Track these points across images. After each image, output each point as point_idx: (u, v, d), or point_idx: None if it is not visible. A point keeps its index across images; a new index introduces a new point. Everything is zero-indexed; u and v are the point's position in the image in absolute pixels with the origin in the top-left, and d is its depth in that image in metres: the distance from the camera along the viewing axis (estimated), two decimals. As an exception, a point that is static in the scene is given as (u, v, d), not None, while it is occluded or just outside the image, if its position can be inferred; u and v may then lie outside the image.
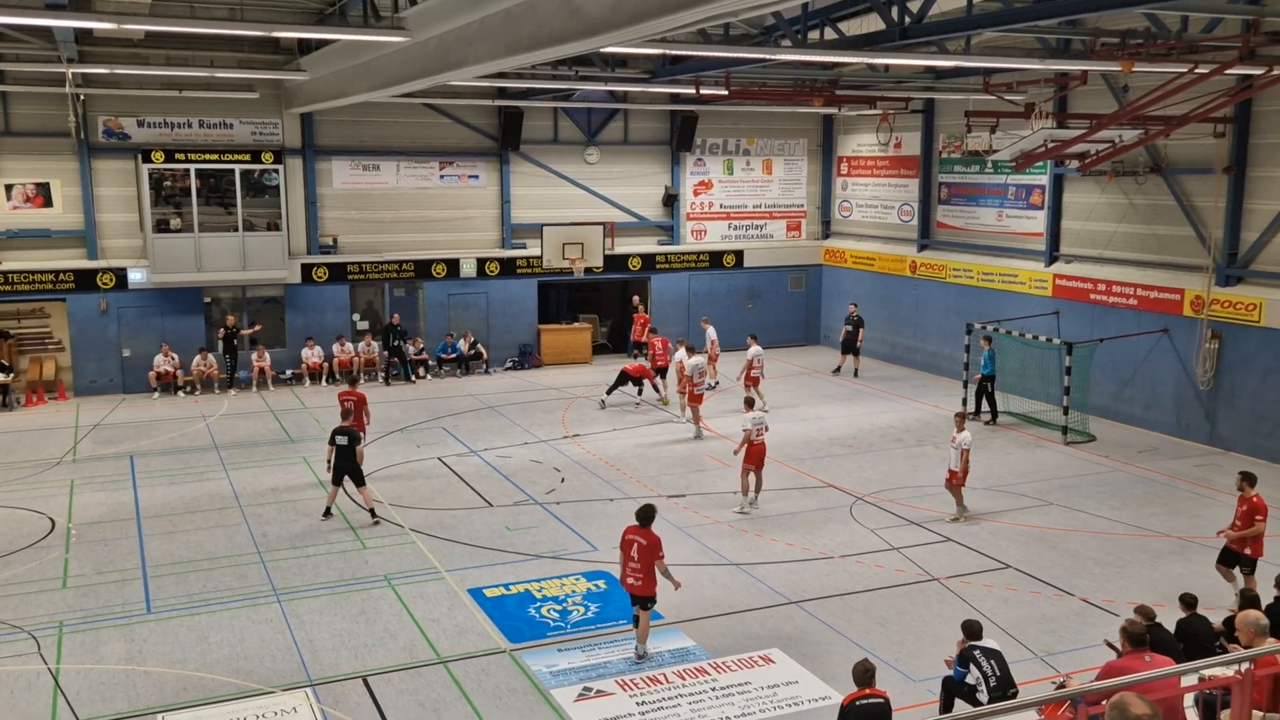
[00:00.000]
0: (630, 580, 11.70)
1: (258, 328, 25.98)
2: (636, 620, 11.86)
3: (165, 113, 25.05)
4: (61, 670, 11.55)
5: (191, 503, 17.17)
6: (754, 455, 16.55)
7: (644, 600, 11.71)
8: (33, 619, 12.79)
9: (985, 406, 22.36)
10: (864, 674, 8.91)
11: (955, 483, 16.23)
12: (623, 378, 23.80)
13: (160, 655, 11.89)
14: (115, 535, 15.67)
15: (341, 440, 16.06)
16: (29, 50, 22.14)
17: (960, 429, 16.30)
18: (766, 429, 16.95)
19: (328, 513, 16.26)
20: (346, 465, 16.01)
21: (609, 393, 23.75)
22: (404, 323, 27.23)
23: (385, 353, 26.41)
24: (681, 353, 22.00)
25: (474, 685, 11.22)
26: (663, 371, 24.16)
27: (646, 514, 11.90)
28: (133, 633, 12.46)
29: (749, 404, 17.30)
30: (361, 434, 17.09)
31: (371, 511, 16.14)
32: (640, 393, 24.44)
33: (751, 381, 22.64)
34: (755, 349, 22.92)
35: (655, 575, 11.64)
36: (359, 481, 16.12)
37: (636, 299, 28.99)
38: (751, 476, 16.68)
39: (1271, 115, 19.46)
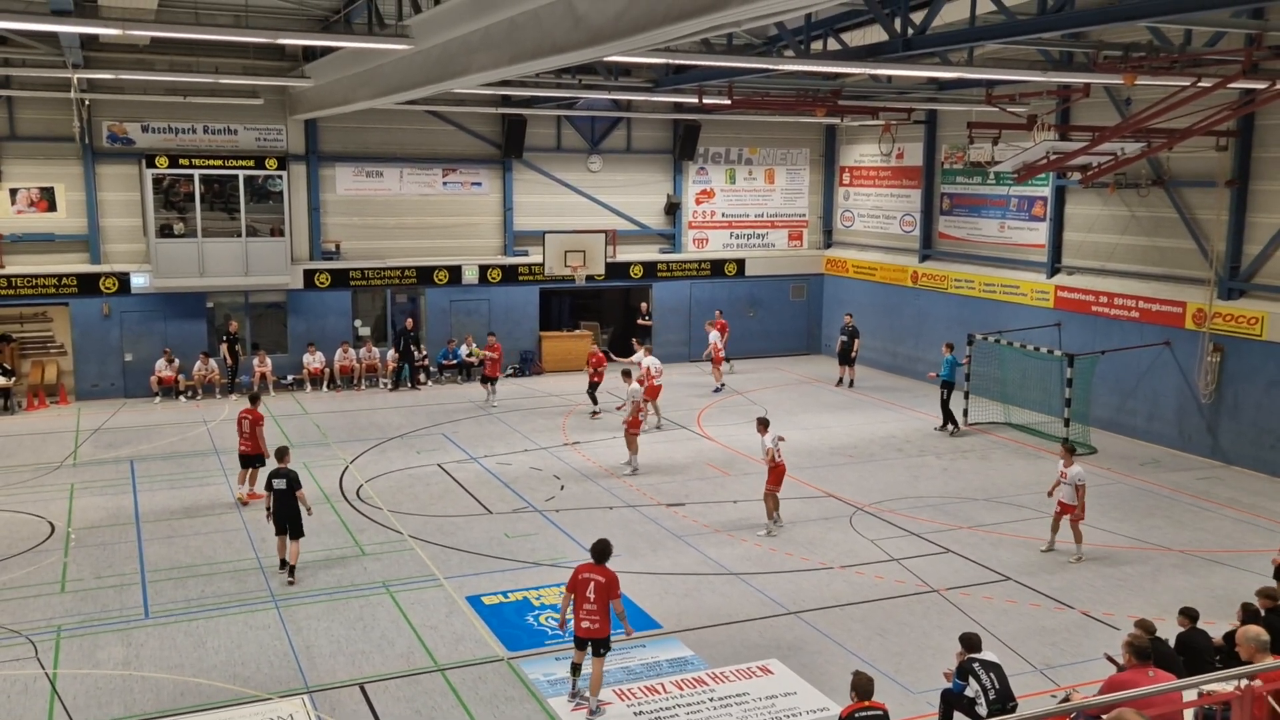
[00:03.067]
0: (585, 624, 10.67)
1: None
2: (576, 669, 10.95)
3: (170, 118, 25.10)
4: (58, 675, 11.53)
5: (191, 508, 17.16)
6: (777, 476, 16.08)
7: (600, 644, 10.77)
8: (30, 623, 12.77)
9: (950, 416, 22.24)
10: (862, 686, 8.88)
11: (1075, 518, 15.11)
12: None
13: (157, 660, 11.87)
14: (114, 540, 15.66)
15: (279, 484, 14.06)
16: (35, 55, 22.19)
17: (1069, 463, 15.18)
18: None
19: (283, 565, 14.19)
20: (287, 511, 14.05)
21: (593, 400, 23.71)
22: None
23: (400, 358, 26.43)
24: (648, 359, 22.13)
25: (471, 693, 11.19)
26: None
27: (603, 550, 10.96)
28: (130, 638, 12.44)
29: (763, 424, 16.33)
30: (266, 458, 16.25)
31: (290, 568, 14.09)
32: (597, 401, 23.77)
33: (652, 393, 21.92)
34: (651, 360, 22.54)
35: (610, 616, 10.73)
36: (296, 532, 14.05)
37: (718, 312, 28.89)
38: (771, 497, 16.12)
39: (1274, 129, 19.46)
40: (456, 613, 13.17)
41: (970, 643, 9.85)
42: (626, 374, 20.33)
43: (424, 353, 27.06)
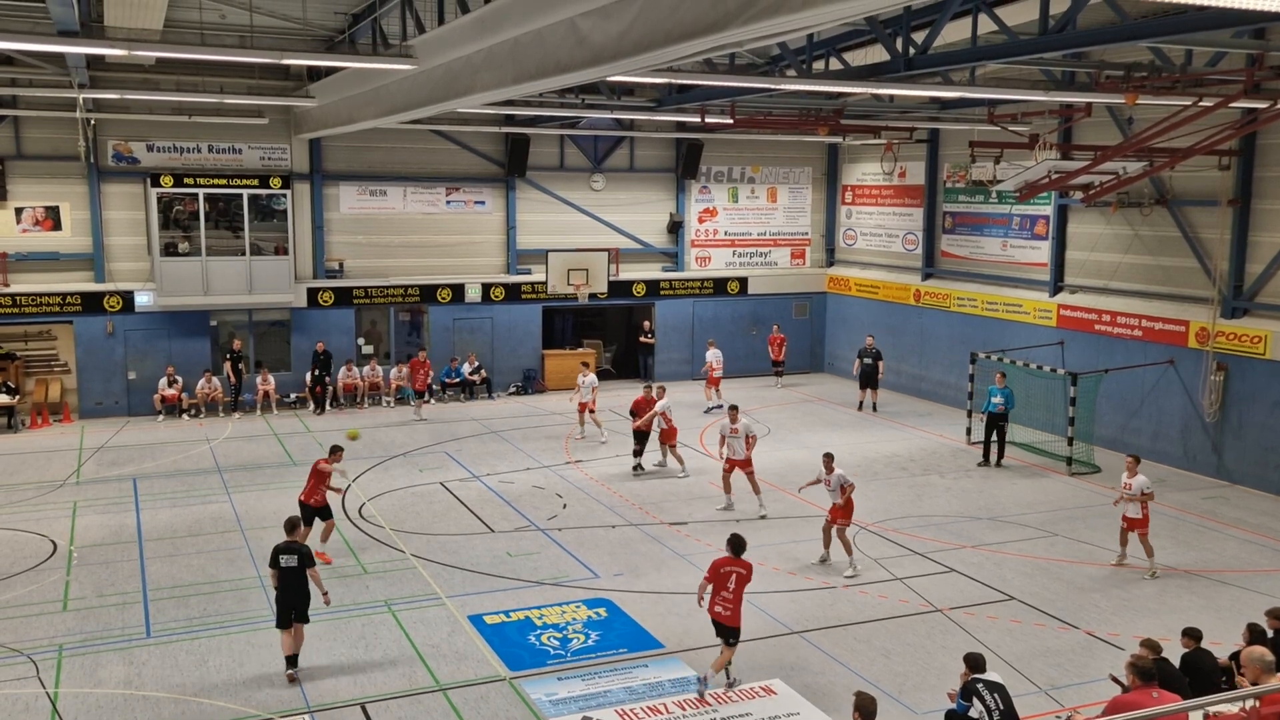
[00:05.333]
0: (719, 608, 11.50)
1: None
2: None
3: (175, 137, 25.23)
4: (60, 694, 11.50)
5: (194, 526, 17.15)
6: (850, 511, 15.24)
7: (732, 633, 11.51)
8: (32, 642, 12.75)
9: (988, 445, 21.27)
10: (866, 706, 8.83)
11: (1142, 532, 15.14)
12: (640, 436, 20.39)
13: (159, 679, 11.84)
14: (117, 558, 15.65)
15: (288, 560, 11.78)
16: (41, 75, 22.34)
17: (1133, 473, 15.20)
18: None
19: (291, 662, 11.91)
20: (295, 594, 11.82)
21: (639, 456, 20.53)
22: (412, 346, 27.33)
23: (314, 381, 25.63)
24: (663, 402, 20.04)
25: (473, 713, 11.14)
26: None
27: (741, 543, 11.71)
28: (132, 656, 12.41)
29: (830, 460, 15.38)
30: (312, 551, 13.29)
31: (292, 659, 11.90)
32: (640, 453, 20.48)
33: (669, 437, 20.30)
34: (665, 403, 20.46)
35: (742, 606, 11.49)
36: (301, 615, 11.88)
37: (776, 327, 29.37)
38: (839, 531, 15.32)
39: (1276, 148, 19.50)
40: (459, 632, 13.13)
41: (974, 663, 9.79)
42: (735, 409, 18.27)
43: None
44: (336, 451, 15.91)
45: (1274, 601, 12.72)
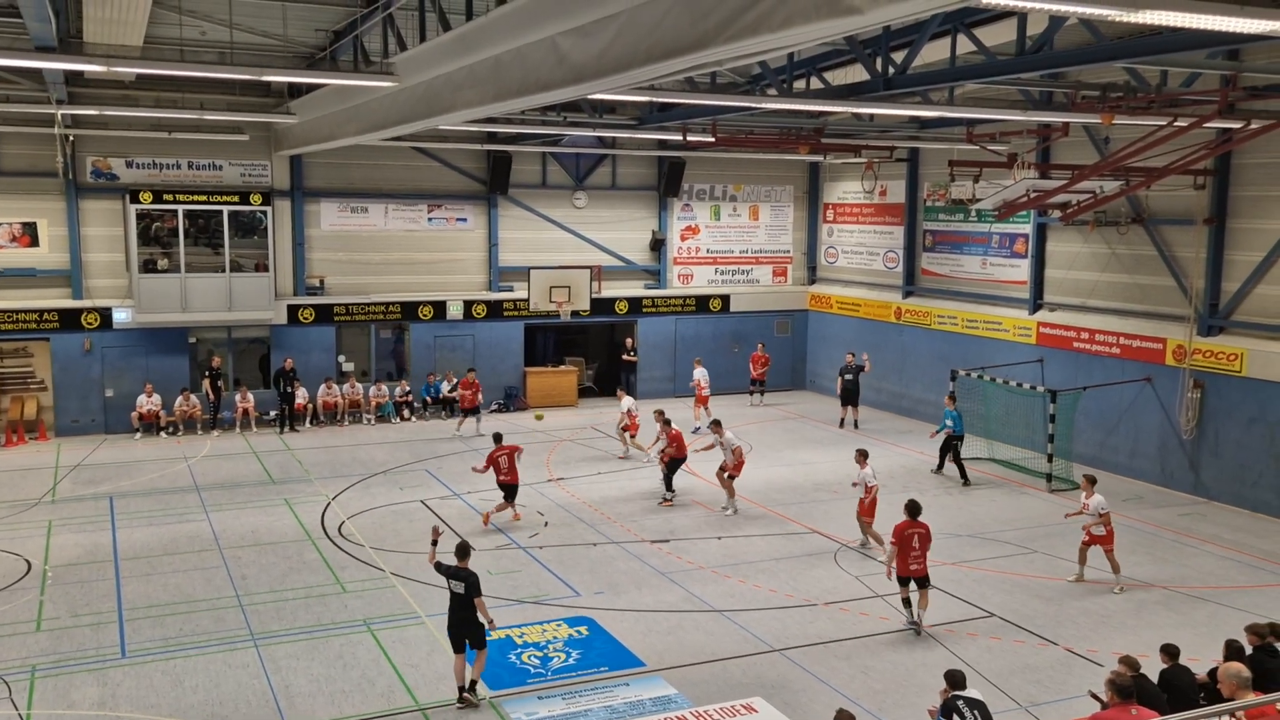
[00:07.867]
0: (914, 566, 13.62)
1: None
2: (907, 602, 13.81)
3: (154, 154, 25.11)
4: (32, 715, 11.34)
5: (170, 544, 16.99)
6: (868, 509, 16.97)
7: (925, 580, 13.73)
8: (4, 663, 12.58)
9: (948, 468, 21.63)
10: (846, 724, 8.84)
11: (1106, 549, 15.37)
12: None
13: (134, 700, 11.70)
14: (92, 577, 15.48)
15: (456, 587, 11.67)
16: (19, 91, 22.23)
17: (1090, 494, 15.46)
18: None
19: (462, 695, 11.68)
20: (466, 622, 11.67)
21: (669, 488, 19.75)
22: (391, 362, 27.24)
23: (280, 400, 25.41)
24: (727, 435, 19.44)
25: (452, 733, 11.06)
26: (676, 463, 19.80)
27: (917, 507, 13.90)
28: (106, 677, 12.26)
29: (863, 456, 17.38)
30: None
31: (471, 685, 11.70)
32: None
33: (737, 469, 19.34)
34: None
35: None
36: (478, 641, 11.75)
37: (761, 346, 29.44)
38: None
39: (1251, 168, 19.73)
40: (438, 651, 13.03)
41: (954, 680, 9.79)
42: (717, 424, 19.12)
43: (407, 388, 26.86)
44: (501, 438, 18.35)
45: (1250, 617, 12.78)
